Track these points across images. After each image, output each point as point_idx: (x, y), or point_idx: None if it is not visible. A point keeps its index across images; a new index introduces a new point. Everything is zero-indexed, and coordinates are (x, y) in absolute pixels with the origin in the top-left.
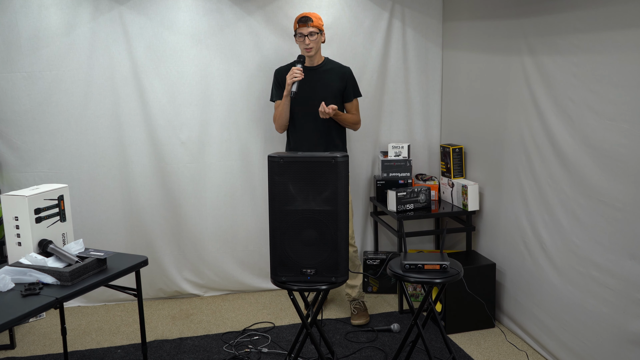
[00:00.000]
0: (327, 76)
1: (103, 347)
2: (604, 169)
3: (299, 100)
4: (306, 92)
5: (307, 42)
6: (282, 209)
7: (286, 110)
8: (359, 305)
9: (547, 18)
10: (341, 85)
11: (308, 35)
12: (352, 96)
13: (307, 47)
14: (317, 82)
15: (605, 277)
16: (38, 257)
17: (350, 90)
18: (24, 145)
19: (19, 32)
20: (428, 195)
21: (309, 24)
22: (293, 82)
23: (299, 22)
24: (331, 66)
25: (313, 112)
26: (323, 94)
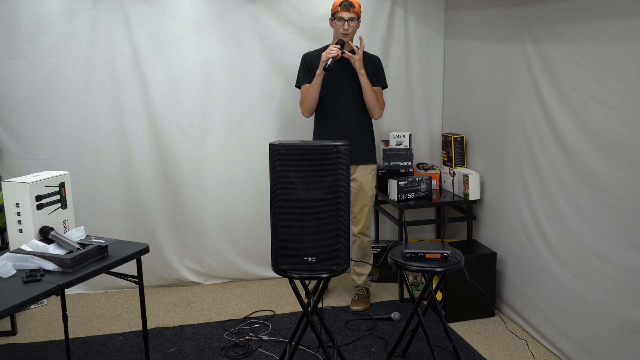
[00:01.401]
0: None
1: (104, 334)
2: (606, 157)
3: (327, 86)
4: (337, 77)
5: (345, 27)
6: (284, 197)
7: (316, 90)
8: (361, 292)
9: (550, 6)
10: (369, 71)
11: (348, 20)
12: (377, 83)
13: (344, 32)
14: (347, 70)
15: (606, 266)
16: (39, 243)
17: (377, 77)
18: (25, 132)
19: (19, 18)
20: (429, 184)
21: (351, 9)
22: (328, 57)
23: (340, 5)
24: (362, 54)
25: (342, 99)
26: (351, 81)
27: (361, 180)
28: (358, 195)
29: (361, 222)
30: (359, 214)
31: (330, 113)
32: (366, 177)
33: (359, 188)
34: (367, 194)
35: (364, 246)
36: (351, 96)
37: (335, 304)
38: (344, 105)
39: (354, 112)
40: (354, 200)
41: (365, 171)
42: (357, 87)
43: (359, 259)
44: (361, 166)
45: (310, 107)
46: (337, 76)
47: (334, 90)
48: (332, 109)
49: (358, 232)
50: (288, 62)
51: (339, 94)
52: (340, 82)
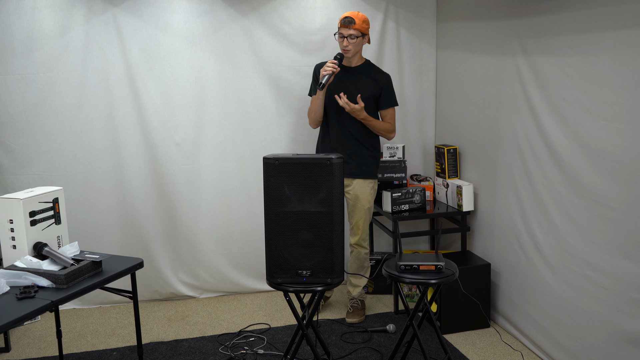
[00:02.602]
0: (363, 79)
1: (99, 349)
2: (598, 169)
3: (331, 99)
4: (339, 92)
5: (345, 44)
6: (278, 211)
7: (319, 105)
8: (356, 304)
9: (540, 19)
10: (375, 91)
11: (348, 37)
12: (385, 104)
13: (344, 49)
14: (351, 84)
15: (599, 277)
16: (33, 260)
17: (385, 97)
18: (18, 148)
19: (12, 34)
20: (423, 196)
21: (351, 26)
22: (325, 74)
23: (341, 22)
24: (369, 70)
25: (345, 113)
26: (355, 93)
27: (358, 192)
28: (354, 207)
29: (357, 234)
30: (355, 226)
31: (333, 126)
32: (363, 190)
33: (354, 200)
34: (364, 206)
35: (360, 257)
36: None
37: (330, 316)
38: (346, 119)
39: (357, 125)
40: (352, 211)
41: (363, 185)
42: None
43: (355, 270)
44: (359, 180)
45: (315, 120)
46: (338, 91)
47: (337, 105)
48: (335, 122)
49: (355, 242)
50: (281, 76)
51: (341, 110)
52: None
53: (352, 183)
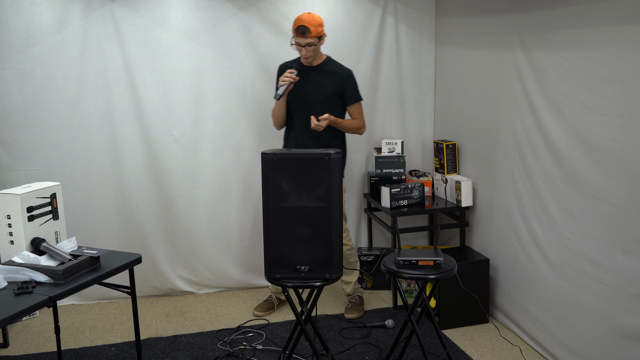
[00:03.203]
0: (323, 78)
1: (97, 345)
2: (597, 164)
3: (294, 99)
4: (302, 92)
5: (303, 53)
6: (276, 206)
7: (280, 109)
8: (354, 300)
9: (539, 14)
10: (337, 88)
11: (305, 46)
12: (350, 100)
13: (304, 57)
14: (313, 83)
15: (598, 272)
16: (31, 255)
17: (349, 94)
18: (16, 143)
19: (9, 29)
20: (422, 192)
21: (307, 35)
22: (282, 85)
23: (296, 31)
24: (330, 67)
25: (307, 112)
26: (317, 95)
27: None
28: None
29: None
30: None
31: (297, 128)
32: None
33: None
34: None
35: (345, 255)
36: (315, 113)
37: (329, 311)
38: (306, 122)
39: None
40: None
41: None
42: (321, 103)
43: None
44: None
45: (278, 123)
46: (301, 90)
47: (299, 104)
48: (298, 123)
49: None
50: None
51: (302, 106)
52: (305, 93)
53: None
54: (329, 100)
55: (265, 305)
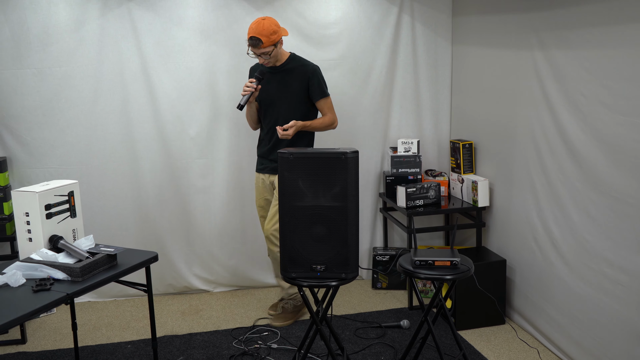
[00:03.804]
0: (287, 77)
1: (113, 342)
2: (616, 164)
3: (261, 102)
4: (268, 94)
5: (262, 61)
6: (292, 205)
7: (251, 114)
8: (287, 305)
9: (558, 12)
10: (302, 85)
11: (260, 55)
12: (317, 96)
13: (264, 63)
14: (277, 83)
15: (617, 274)
16: (49, 252)
17: (314, 89)
18: (34, 142)
19: (28, 28)
20: (438, 191)
21: (260, 46)
22: (244, 95)
23: (249, 43)
24: (293, 65)
25: (274, 114)
26: (284, 95)
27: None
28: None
29: (268, 227)
30: (270, 214)
31: (265, 129)
32: None
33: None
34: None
35: (275, 257)
36: (283, 112)
37: (344, 311)
38: (275, 118)
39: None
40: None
41: None
42: (288, 102)
43: (277, 271)
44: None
45: (252, 126)
46: (266, 92)
47: (267, 106)
48: (267, 125)
49: (265, 236)
50: None
51: (269, 108)
52: (271, 95)
53: (275, 179)
54: (297, 99)
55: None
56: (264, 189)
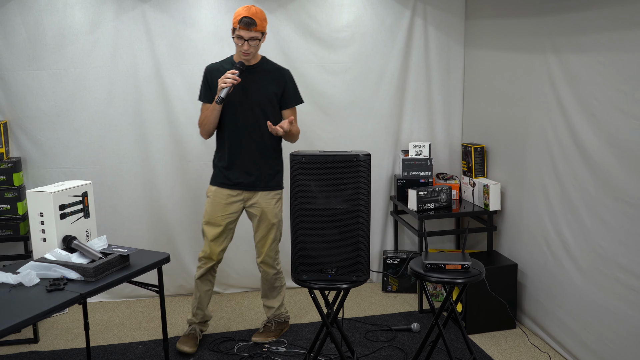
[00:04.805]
0: (263, 78)
1: (125, 342)
2: (629, 169)
3: (232, 102)
4: (238, 95)
5: (245, 47)
6: (304, 207)
7: (215, 116)
8: (270, 324)
9: (572, 16)
10: (278, 89)
11: (249, 40)
12: (292, 102)
13: (245, 52)
14: (251, 84)
15: (630, 279)
16: (62, 252)
17: (289, 95)
18: (48, 142)
19: (44, 30)
20: (449, 195)
21: (252, 28)
22: (224, 87)
23: (240, 23)
24: (268, 67)
25: (245, 118)
26: (257, 97)
27: (263, 206)
28: (260, 222)
29: (262, 253)
30: (260, 243)
31: (229, 137)
32: (268, 203)
33: (260, 213)
34: (270, 220)
35: (269, 279)
36: (254, 117)
37: (354, 314)
38: (242, 129)
39: (257, 133)
40: (256, 227)
41: (267, 197)
42: (261, 106)
43: (266, 292)
44: (263, 192)
45: (209, 131)
46: (237, 94)
47: (235, 109)
48: (231, 132)
49: (261, 261)
50: (308, 73)
51: (239, 111)
52: (242, 97)
53: (254, 196)
54: (269, 103)
55: (192, 339)
56: (227, 207)
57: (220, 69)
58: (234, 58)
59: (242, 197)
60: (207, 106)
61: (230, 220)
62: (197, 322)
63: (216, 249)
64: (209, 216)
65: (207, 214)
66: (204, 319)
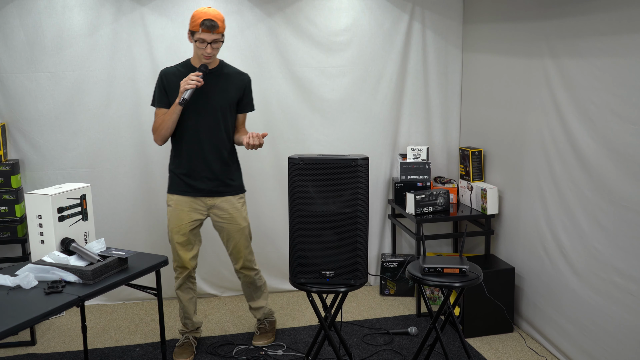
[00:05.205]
0: (223, 82)
1: (122, 345)
2: (626, 173)
3: (190, 107)
4: (198, 100)
5: (208, 51)
6: (302, 211)
7: (174, 120)
8: (264, 326)
9: (569, 20)
10: (238, 94)
11: (212, 42)
12: (248, 108)
13: (207, 55)
14: (211, 88)
15: (627, 283)
16: (61, 255)
17: (247, 101)
18: (47, 144)
19: (43, 32)
20: (447, 198)
21: (215, 31)
22: (186, 89)
23: (202, 26)
24: (228, 71)
25: (206, 122)
26: (220, 102)
27: (230, 211)
28: (230, 229)
29: (240, 258)
30: (236, 249)
31: (189, 140)
32: (234, 207)
33: (229, 220)
34: (240, 225)
35: (251, 280)
36: (215, 121)
37: (352, 317)
38: (203, 132)
39: (217, 138)
40: (228, 235)
41: (233, 200)
42: (222, 110)
43: (249, 294)
44: (228, 197)
45: (165, 137)
46: (199, 97)
47: (195, 113)
48: (190, 137)
49: (240, 267)
50: (306, 76)
51: (199, 116)
52: (202, 102)
53: (218, 202)
54: (230, 107)
55: (188, 348)
56: (191, 215)
57: (177, 72)
58: (192, 62)
59: (205, 204)
60: (163, 111)
61: (195, 227)
62: (189, 331)
63: (187, 256)
64: (174, 225)
65: (171, 224)
66: (194, 326)
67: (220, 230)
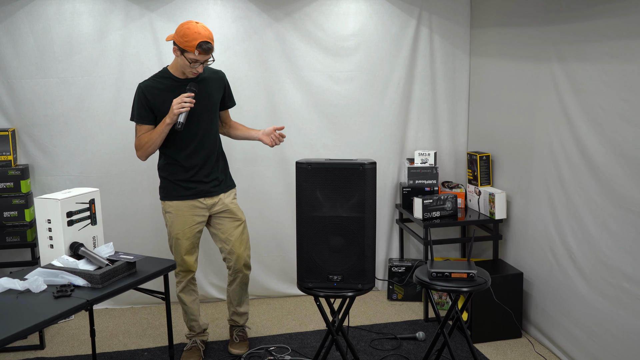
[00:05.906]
0: (206, 85)
1: (130, 349)
2: (635, 178)
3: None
4: (195, 106)
5: (200, 70)
6: (309, 215)
7: (163, 138)
8: (242, 333)
9: (576, 25)
10: (220, 93)
11: (202, 63)
12: (231, 102)
13: (196, 73)
14: (200, 93)
15: (636, 289)
16: (69, 259)
17: (230, 96)
18: (56, 149)
19: (52, 38)
20: (454, 203)
21: (210, 52)
22: (181, 112)
23: (199, 48)
24: (207, 73)
25: (201, 127)
26: (208, 104)
27: (230, 206)
28: (231, 224)
29: (242, 253)
30: (237, 243)
31: (186, 146)
32: (232, 201)
33: (230, 214)
34: (240, 218)
35: (246, 281)
36: (208, 123)
37: (359, 322)
38: (202, 135)
39: (211, 139)
40: (230, 233)
41: (230, 196)
42: (212, 110)
43: (239, 297)
44: (223, 194)
45: (151, 153)
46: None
47: (187, 123)
48: (187, 144)
49: (242, 265)
50: (314, 81)
51: (196, 125)
52: (192, 115)
53: (217, 200)
54: (215, 108)
55: (195, 352)
56: (194, 218)
57: (159, 85)
58: (172, 71)
59: (205, 204)
60: (146, 128)
61: (198, 230)
62: (196, 334)
63: (191, 260)
64: (179, 230)
65: (173, 230)
66: (201, 328)
67: (219, 230)
